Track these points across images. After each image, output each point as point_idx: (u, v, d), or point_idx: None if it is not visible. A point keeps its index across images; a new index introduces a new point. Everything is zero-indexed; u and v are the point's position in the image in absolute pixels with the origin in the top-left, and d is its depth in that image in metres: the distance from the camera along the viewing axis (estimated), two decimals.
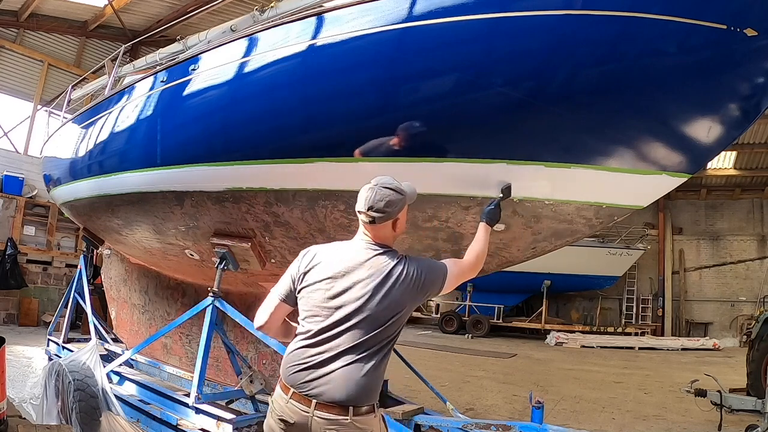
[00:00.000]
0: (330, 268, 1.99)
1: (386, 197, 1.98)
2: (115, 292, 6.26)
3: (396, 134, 2.77)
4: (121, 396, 4.22)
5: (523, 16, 2.50)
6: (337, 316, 1.92)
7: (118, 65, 6.28)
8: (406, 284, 1.95)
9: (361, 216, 2.02)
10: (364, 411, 1.89)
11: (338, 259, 2.01)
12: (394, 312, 1.93)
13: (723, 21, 2.27)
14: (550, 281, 16.15)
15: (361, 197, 2.02)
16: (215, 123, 3.47)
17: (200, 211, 3.79)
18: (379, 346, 1.92)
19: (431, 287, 2.04)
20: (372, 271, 1.95)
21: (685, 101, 2.52)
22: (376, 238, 2.03)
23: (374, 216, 1.97)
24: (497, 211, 2.58)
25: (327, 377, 1.88)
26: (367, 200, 1.99)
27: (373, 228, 2.01)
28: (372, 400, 1.93)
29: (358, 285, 1.94)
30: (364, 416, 1.89)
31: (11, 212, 12.40)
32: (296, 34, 3.09)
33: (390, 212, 1.99)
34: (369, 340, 1.90)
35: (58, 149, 6.02)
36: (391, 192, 2.00)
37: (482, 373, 9.37)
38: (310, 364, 1.91)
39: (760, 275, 17.07)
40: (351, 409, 1.86)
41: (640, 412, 6.73)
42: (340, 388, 1.86)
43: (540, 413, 2.99)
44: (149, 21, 13.64)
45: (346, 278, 1.96)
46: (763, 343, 6.49)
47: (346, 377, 1.87)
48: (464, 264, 2.22)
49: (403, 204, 2.04)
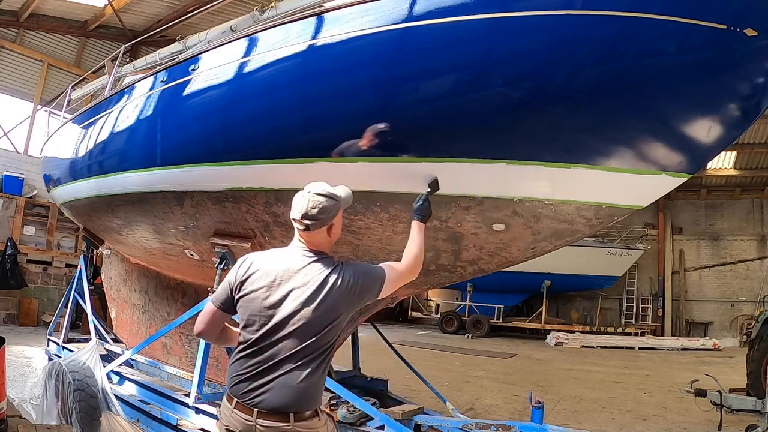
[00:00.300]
0: (266, 277, 1.99)
1: (319, 204, 1.99)
2: (115, 292, 6.25)
3: (396, 134, 2.78)
4: (121, 396, 4.22)
5: (523, 16, 2.50)
6: (274, 325, 1.93)
7: (118, 65, 6.28)
8: (341, 291, 1.95)
9: (295, 224, 2.03)
10: (307, 416, 1.91)
11: (274, 268, 2.01)
12: (331, 319, 1.94)
13: (723, 21, 2.27)
14: (550, 281, 16.16)
15: (294, 205, 2.03)
16: (215, 123, 3.47)
17: (200, 211, 3.79)
18: (317, 353, 1.93)
19: (368, 293, 2.03)
20: (308, 278, 1.96)
21: (685, 101, 2.52)
22: (311, 244, 2.03)
23: (308, 223, 1.98)
24: (427, 207, 2.54)
25: (267, 386, 1.89)
26: (301, 208, 2.00)
27: (307, 235, 2.02)
28: (313, 405, 1.94)
29: (293, 293, 1.94)
30: (307, 421, 1.90)
31: (11, 212, 12.41)
32: (296, 34, 3.09)
33: (323, 219, 2.00)
34: (307, 347, 1.91)
35: (58, 149, 6.02)
36: (324, 198, 2.01)
37: (482, 373, 9.37)
38: (250, 374, 1.92)
39: (760, 275, 17.08)
40: (292, 415, 1.87)
41: (640, 412, 6.73)
42: (279, 395, 1.88)
43: (540, 413, 2.99)
44: (149, 21, 13.64)
45: (282, 286, 1.96)
46: (763, 343, 6.49)
47: (284, 385, 1.88)
48: (402, 268, 2.18)
49: (337, 210, 2.05)
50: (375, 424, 3.31)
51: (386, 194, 2.97)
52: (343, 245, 3.37)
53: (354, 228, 3.21)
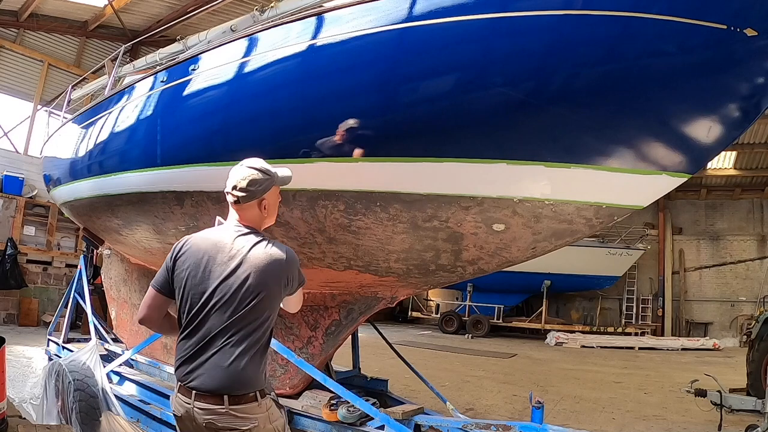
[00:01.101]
0: (196, 254, 1.97)
1: (250, 176, 2.00)
2: (115, 292, 6.25)
3: (396, 134, 2.78)
4: (121, 396, 4.22)
5: (523, 16, 2.50)
6: (202, 303, 1.90)
7: (118, 65, 6.28)
8: (267, 266, 1.92)
9: (228, 197, 2.04)
10: (244, 400, 1.86)
11: (204, 244, 1.99)
12: (254, 294, 1.89)
13: (723, 21, 2.27)
14: (550, 281, 16.16)
15: (228, 177, 2.06)
16: (215, 123, 3.47)
17: (200, 211, 3.79)
18: (246, 332, 1.88)
19: (291, 280, 2.02)
20: (233, 253, 1.93)
21: (685, 101, 2.52)
22: (244, 219, 2.04)
23: (238, 195, 1.99)
24: None
25: (201, 367, 1.86)
26: (232, 180, 2.02)
27: (239, 209, 2.03)
28: (249, 388, 1.88)
29: (218, 268, 1.92)
30: (243, 405, 1.85)
31: (11, 212, 12.40)
32: (296, 34, 3.09)
33: (253, 191, 2.00)
34: (232, 324, 1.86)
35: (58, 149, 6.02)
36: (256, 171, 2.02)
37: (482, 373, 9.37)
38: (187, 356, 1.91)
39: (760, 275, 17.08)
40: (226, 398, 1.83)
41: (640, 412, 6.73)
42: (211, 376, 1.85)
43: (540, 413, 2.99)
44: (149, 21, 13.64)
45: (209, 263, 1.94)
46: (763, 343, 6.49)
47: (216, 365, 1.85)
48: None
49: (269, 184, 2.05)
50: (375, 424, 3.31)
51: (386, 194, 2.96)
52: (343, 245, 3.37)
53: (354, 228, 3.21)
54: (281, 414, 2.02)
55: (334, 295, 3.95)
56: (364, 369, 5.00)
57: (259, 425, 1.88)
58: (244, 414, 1.86)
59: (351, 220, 3.16)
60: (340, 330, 3.78)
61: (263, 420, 1.90)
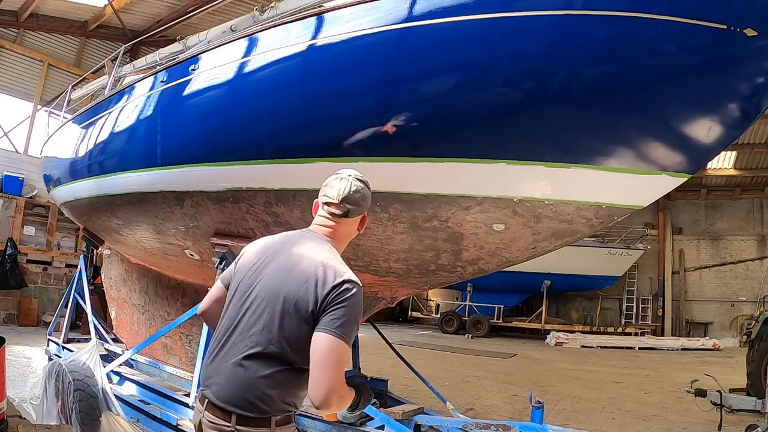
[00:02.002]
0: (264, 248, 1.76)
1: (362, 189, 1.77)
2: (115, 292, 6.25)
3: (396, 134, 2.77)
4: (121, 396, 4.22)
5: (523, 16, 2.50)
6: (243, 299, 1.68)
7: (118, 65, 6.28)
8: (317, 289, 1.59)
9: (329, 209, 1.77)
10: (254, 423, 1.58)
11: (275, 241, 1.79)
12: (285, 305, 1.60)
13: (723, 21, 2.27)
14: (550, 281, 16.17)
15: (331, 187, 1.77)
16: (215, 123, 3.47)
17: (200, 211, 3.79)
18: (269, 343, 1.59)
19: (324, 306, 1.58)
20: (294, 258, 1.66)
21: (685, 101, 2.52)
22: (334, 234, 1.79)
23: (349, 208, 1.74)
24: None
25: (218, 373, 1.64)
26: (341, 191, 1.74)
27: (340, 222, 1.78)
28: (263, 411, 1.58)
29: (271, 267, 1.68)
30: (253, 428, 1.58)
31: (11, 212, 12.40)
32: (296, 34, 3.09)
33: (364, 206, 1.78)
34: (258, 332, 1.61)
35: (58, 149, 6.02)
36: (364, 185, 1.78)
37: (482, 373, 9.37)
38: (212, 354, 1.69)
39: (760, 275, 17.08)
40: (234, 416, 1.58)
41: (640, 412, 6.73)
42: (224, 386, 1.61)
43: (540, 413, 2.99)
44: (149, 21, 13.63)
45: (268, 259, 1.72)
46: (763, 343, 6.49)
47: (231, 374, 1.60)
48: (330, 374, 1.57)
49: (370, 201, 1.83)
50: (375, 424, 3.31)
51: (386, 194, 2.97)
52: None
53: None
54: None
55: None
56: (364, 369, 5.01)
57: None
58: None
59: None
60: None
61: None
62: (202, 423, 1.66)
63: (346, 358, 1.59)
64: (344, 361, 1.58)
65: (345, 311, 1.56)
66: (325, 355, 1.53)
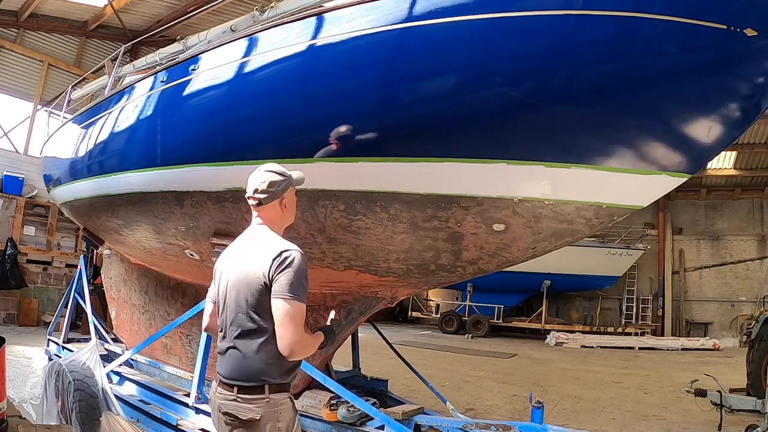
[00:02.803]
0: (226, 253, 2.19)
1: (268, 179, 2.08)
2: (115, 292, 6.25)
3: (396, 134, 2.77)
4: (121, 396, 4.22)
5: (523, 16, 2.50)
6: (224, 296, 2.06)
7: (118, 65, 6.28)
8: (264, 266, 1.94)
9: (249, 201, 2.12)
10: (251, 391, 1.93)
11: (234, 244, 2.19)
12: (246, 285, 1.97)
13: (723, 21, 2.27)
14: (550, 281, 16.16)
15: (248, 184, 2.12)
16: (215, 123, 3.47)
17: (200, 211, 3.79)
18: (245, 323, 1.95)
19: (273, 275, 1.92)
20: (246, 248, 2.07)
21: (685, 101, 2.52)
22: (266, 220, 2.12)
23: (260, 198, 2.07)
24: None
25: (223, 356, 2.03)
26: (251, 185, 2.09)
27: (261, 210, 2.11)
28: (255, 380, 1.93)
29: (234, 261, 2.07)
30: (249, 395, 1.92)
31: (11, 212, 12.40)
32: (296, 34, 3.09)
33: (273, 192, 2.07)
34: (237, 316, 1.97)
35: (58, 149, 6.01)
36: (273, 174, 2.10)
37: (482, 373, 9.37)
38: (219, 348, 2.08)
39: (760, 275, 17.08)
40: (236, 387, 1.95)
41: (640, 412, 6.73)
42: (227, 365, 1.99)
43: (540, 413, 2.99)
44: (149, 21, 13.64)
45: (231, 258, 2.12)
46: (763, 343, 6.48)
47: (230, 355, 1.99)
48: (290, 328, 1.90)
49: (286, 185, 2.12)
50: (375, 424, 3.31)
51: (386, 194, 2.97)
52: (343, 245, 3.37)
53: (354, 228, 3.21)
54: (293, 418, 2.01)
55: (334, 295, 3.95)
56: (364, 369, 5.01)
57: (261, 420, 1.91)
58: (248, 404, 1.92)
59: (351, 220, 3.16)
60: (340, 330, 3.78)
61: (268, 415, 1.92)
62: (213, 395, 2.04)
63: (299, 313, 1.91)
64: (299, 315, 1.90)
65: (287, 275, 1.91)
66: (281, 316, 1.89)
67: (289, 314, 1.88)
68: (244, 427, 1.93)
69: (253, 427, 1.92)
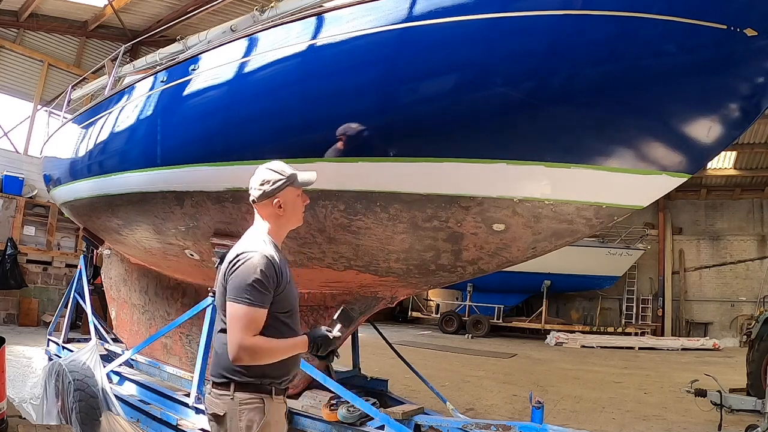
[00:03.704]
0: None
1: (265, 176, 2.07)
2: (115, 292, 6.25)
3: (396, 134, 2.77)
4: (121, 396, 4.22)
5: (522, 16, 2.50)
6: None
7: (118, 65, 6.28)
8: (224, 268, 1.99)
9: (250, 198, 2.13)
10: (219, 386, 1.96)
11: None
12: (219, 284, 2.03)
13: (723, 21, 2.27)
14: (550, 281, 16.16)
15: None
16: (215, 123, 3.47)
17: (200, 211, 3.79)
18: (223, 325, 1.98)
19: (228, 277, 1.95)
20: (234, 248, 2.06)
21: (685, 101, 2.52)
22: (264, 217, 2.10)
23: (252, 194, 2.08)
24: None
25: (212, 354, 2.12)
26: (250, 184, 2.10)
27: (257, 207, 2.10)
28: (221, 375, 1.96)
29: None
30: (218, 390, 1.96)
31: (11, 212, 12.40)
32: (296, 34, 3.09)
33: (264, 190, 2.04)
34: (219, 316, 2.04)
35: (58, 149, 6.01)
36: (270, 171, 2.08)
37: (482, 373, 9.37)
38: None
39: (760, 275, 17.07)
40: (210, 383, 2.03)
41: (640, 412, 6.73)
42: (212, 361, 2.08)
43: (540, 413, 2.98)
44: (149, 21, 13.64)
45: None
46: (763, 343, 6.48)
47: (214, 351, 2.06)
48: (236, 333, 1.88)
49: (282, 184, 2.06)
50: (375, 424, 3.31)
51: (386, 194, 2.97)
52: (343, 245, 3.37)
53: (354, 228, 3.21)
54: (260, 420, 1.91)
55: (334, 295, 3.95)
56: (364, 369, 5.00)
57: (224, 416, 1.92)
58: (216, 399, 1.96)
59: (351, 220, 3.16)
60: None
61: (231, 413, 1.91)
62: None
63: (245, 316, 1.85)
64: (245, 318, 1.85)
65: (236, 278, 1.89)
66: (228, 318, 1.89)
67: (233, 317, 1.86)
68: (215, 420, 1.98)
69: (220, 422, 1.94)
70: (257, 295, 1.86)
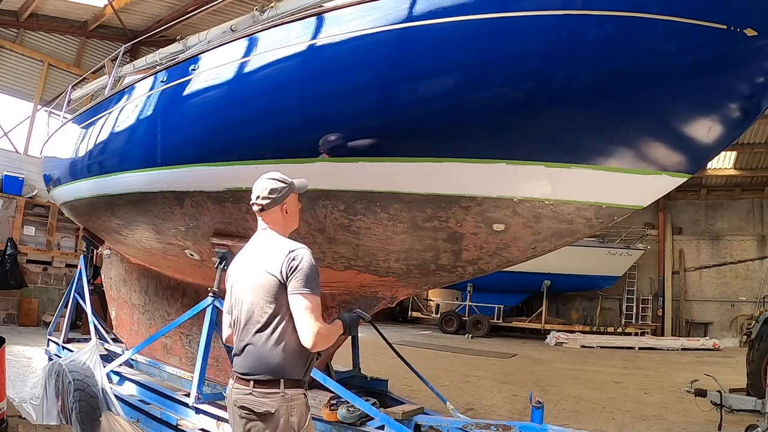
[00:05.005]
0: (237, 260, 2.28)
1: (270, 186, 2.18)
2: (115, 292, 6.25)
3: (396, 134, 2.77)
4: (121, 396, 4.22)
5: (523, 16, 2.50)
6: (238, 297, 2.15)
7: (118, 65, 6.28)
8: (278, 262, 2.04)
9: (253, 207, 2.22)
10: (266, 385, 2.01)
11: (243, 251, 2.27)
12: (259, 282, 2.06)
13: (723, 21, 2.27)
14: (550, 281, 16.15)
15: (252, 191, 2.22)
16: (215, 123, 3.47)
17: (200, 211, 3.79)
18: (260, 320, 2.04)
19: (287, 271, 2.03)
20: (257, 249, 2.17)
21: (686, 101, 2.52)
22: (270, 224, 2.21)
23: (262, 204, 2.17)
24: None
25: (240, 355, 2.11)
26: (254, 193, 2.20)
27: (264, 215, 2.20)
28: (270, 374, 2.01)
29: (246, 263, 2.17)
30: (265, 389, 2.00)
31: (11, 212, 12.39)
32: (296, 34, 3.09)
33: (274, 198, 2.17)
34: (252, 313, 2.06)
35: (58, 149, 6.02)
36: (274, 181, 2.20)
37: (482, 373, 9.37)
38: (236, 348, 2.16)
39: (760, 275, 17.07)
40: (252, 381, 2.03)
41: (640, 412, 6.73)
42: (243, 361, 2.08)
43: (540, 413, 2.98)
44: (149, 21, 13.63)
45: (243, 261, 2.21)
46: (763, 343, 6.48)
47: (248, 351, 2.07)
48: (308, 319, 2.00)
49: (287, 191, 2.21)
50: (375, 424, 3.31)
51: (386, 194, 2.97)
52: (343, 245, 3.37)
53: (354, 228, 3.21)
54: (306, 414, 2.10)
55: (334, 295, 3.95)
56: (364, 369, 5.00)
57: (275, 413, 1.98)
58: (264, 398, 2.00)
59: (351, 220, 3.16)
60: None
61: (283, 409, 1.99)
62: (230, 391, 2.11)
63: (316, 305, 2.01)
64: (316, 307, 2.01)
65: (301, 272, 2.01)
66: (301, 310, 1.99)
67: (308, 308, 1.98)
68: (260, 420, 2.00)
69: (268, 421, 1.99)
70: (318, 285, 2.05)
